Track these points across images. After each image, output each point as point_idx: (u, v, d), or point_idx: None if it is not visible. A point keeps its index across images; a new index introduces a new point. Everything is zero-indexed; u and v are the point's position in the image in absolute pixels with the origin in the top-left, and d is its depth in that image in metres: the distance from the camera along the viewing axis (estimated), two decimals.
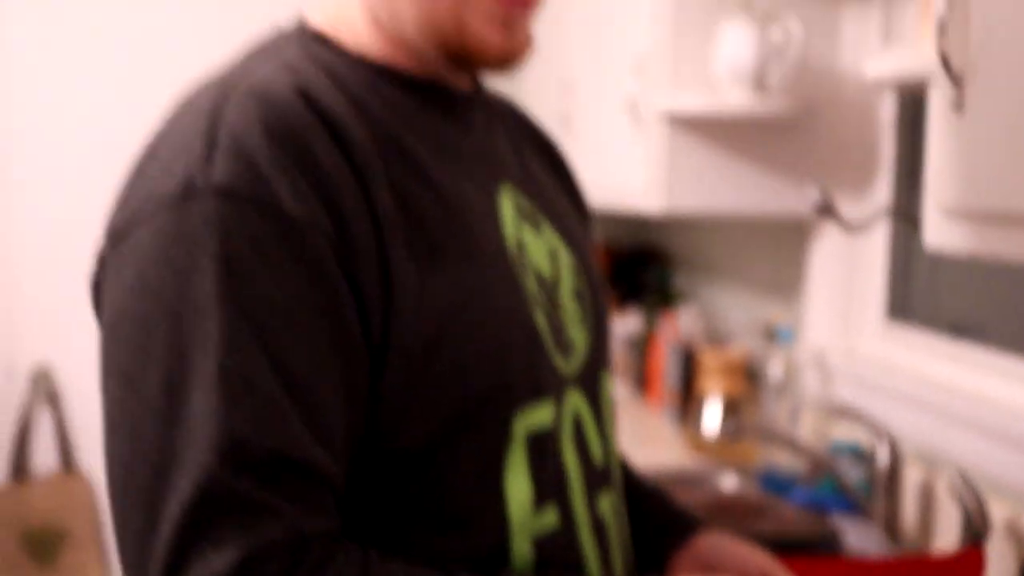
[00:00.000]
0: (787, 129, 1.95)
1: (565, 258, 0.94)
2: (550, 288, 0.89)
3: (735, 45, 1.80)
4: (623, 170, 2.11)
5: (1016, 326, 1.65)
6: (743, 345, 2.34)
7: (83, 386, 2.95)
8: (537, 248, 0.90)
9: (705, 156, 1.95)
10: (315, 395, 0.72)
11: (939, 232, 1.06)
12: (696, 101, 1.88)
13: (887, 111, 1.92)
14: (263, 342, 0.70)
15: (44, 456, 2.93)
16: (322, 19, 0.88)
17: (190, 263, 0.70)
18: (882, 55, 1.88)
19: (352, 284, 0.74)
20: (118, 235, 0.75)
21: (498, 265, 0.84)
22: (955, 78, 1.00)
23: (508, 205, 0.89)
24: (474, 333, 0.79)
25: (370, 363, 0.75)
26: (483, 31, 0.83)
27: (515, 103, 1.08)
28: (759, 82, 1.82)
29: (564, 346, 0.89)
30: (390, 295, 0.75)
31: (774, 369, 2.08)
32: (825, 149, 1.97)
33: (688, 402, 2.32)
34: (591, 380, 0.93)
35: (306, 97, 0.76)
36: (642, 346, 2.67)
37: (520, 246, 0.88)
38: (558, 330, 0.88)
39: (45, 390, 2.91)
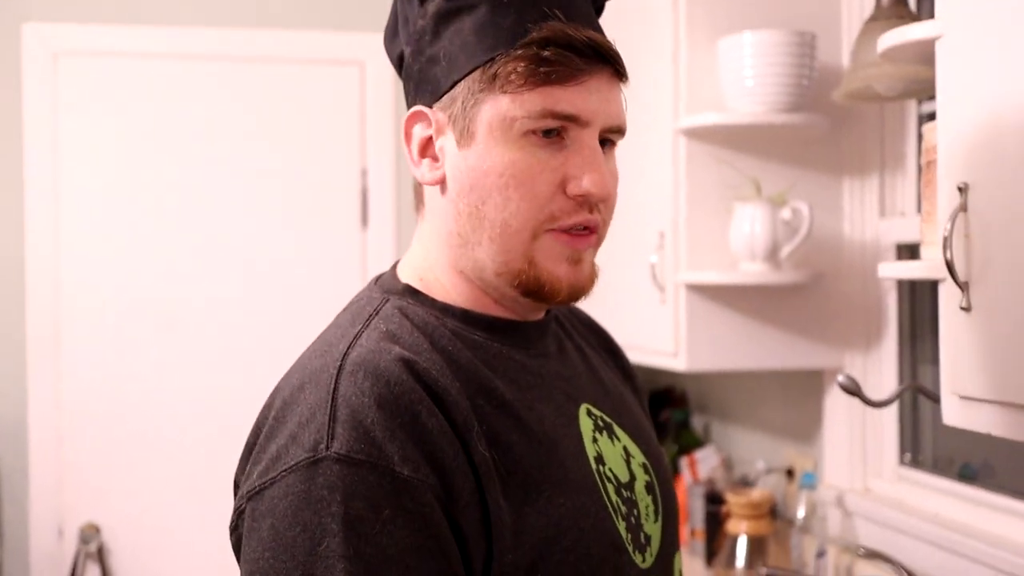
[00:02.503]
0: (798, 292, 2.16)
1: (637, 456, 1.10)
2: (627, 490, 1.04)
3: (749, 225, 2.02)
4: (647, 331, 2.30)
5: (1021, 470, 1.83)
6: (766, 486, 2.50)
7: (126, 543, 3.10)
8: (613, 456, 1.05)
9: (723, 319, 2.15)
10: None
11: (956, 413, 1.24)
12: (714, 276, 2.08)
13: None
14: None
15: None
16: (411, 273, 1.03)
17: (318, 524, 0.82)
18: (881, 224, 2.11)
19: (456, 529, 0.87)
20: (254, 493, 0.88)
21: (585, 488, 0.98)
22: (961, 284, 1.20)
23: (587, 424, 1.04)
24: (567, 557, 0.92)
25: None
26: (554, 270, 0.96)
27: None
28: (772, 257, 2.03)
29: (642, 545, 1.04)
30: (489, 534, 0.88)
31: (799, 510, 2.24)
32: (834, 309, 2.18)
33: (715, 542, 2.47)
34: (666, 567, 1.08)
35: (409, 368, 0.89)
36: None
37: (600, 459, 1.02)
38: (636, 531, 1.03)
39: (94, 546, 3.04)
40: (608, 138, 0.99)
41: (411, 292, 1.02)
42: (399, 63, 1.05)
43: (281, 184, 3.22)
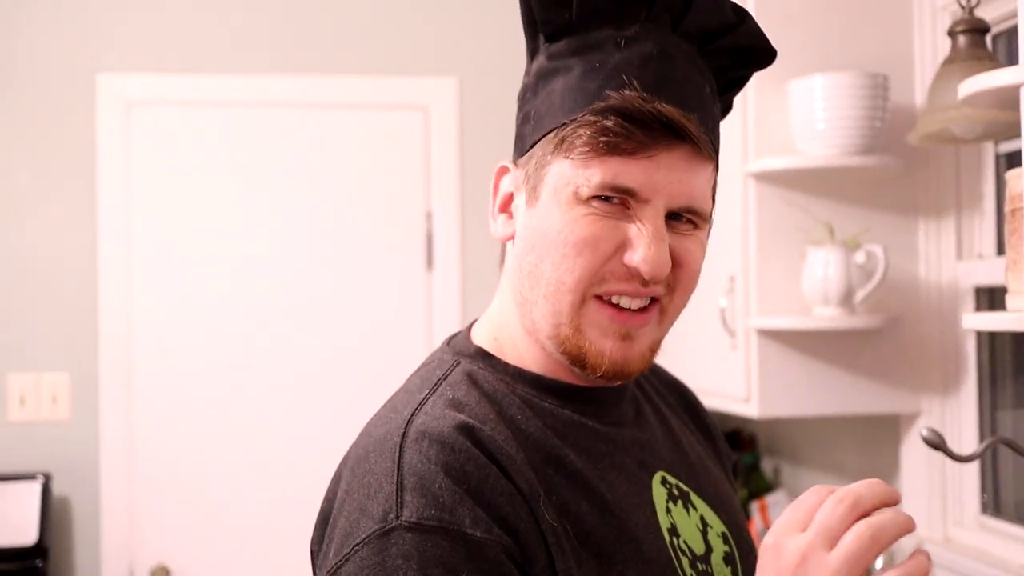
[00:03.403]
0: (874, 337, 2.12)
1: (715, 526, 1.06)
2: (703, 563, 1.01)
3: (823, 269, 1.99)
4: (718, 376, 2.27)
5: None
6: None
7: None
8: (688, 527, 1.02)
9: (796, 365, 2.11)
10: None
11: None
12: (787, 321, 2.05)
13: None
14: None
15: None
16: (487, 333, 1.02)
17: None
18: (960, 266, 2.06)
19: None
20: (330, 572, 0.86)
21: (659, 562, 0.95)
22: None
23: (660, 493, 1.01)
24: None
25: None
26: (598, 342, 0.93)
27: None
28: (847, 301, 1.99)
29: None
30: None
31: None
32: (911, 354, 2.13)
33: None
34: None
35: (471, 435, 0.88)
36: None
37: (674, 531, 0.99)
38: None
39: None
40: (687, 217, 0.94)
41: (483, 355, 1.01)
42: None
43: (347, 227, 3.25)
